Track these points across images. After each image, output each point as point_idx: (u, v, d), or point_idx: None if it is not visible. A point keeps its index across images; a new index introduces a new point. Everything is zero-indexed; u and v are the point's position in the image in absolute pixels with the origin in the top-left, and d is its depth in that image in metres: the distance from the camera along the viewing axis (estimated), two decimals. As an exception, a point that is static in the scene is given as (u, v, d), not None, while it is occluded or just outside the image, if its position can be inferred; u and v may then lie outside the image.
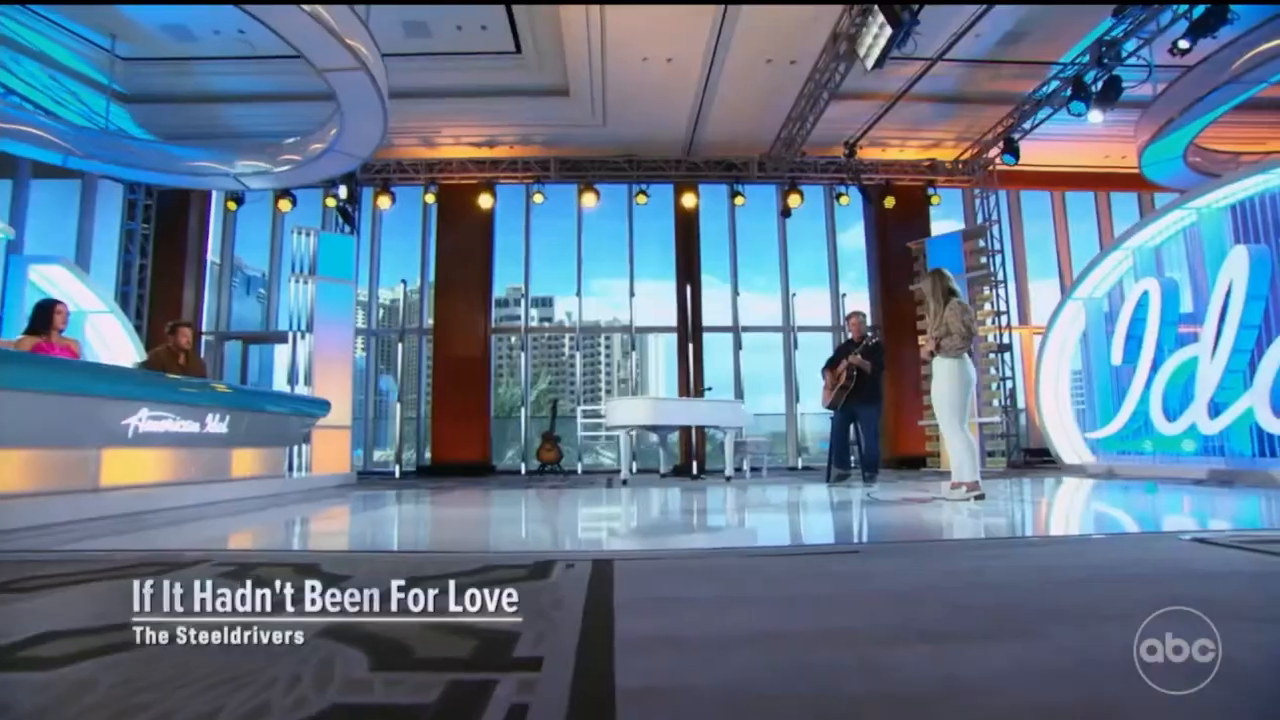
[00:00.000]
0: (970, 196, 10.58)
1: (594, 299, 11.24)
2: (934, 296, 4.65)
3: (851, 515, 3.95)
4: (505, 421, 11.19)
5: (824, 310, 10.77)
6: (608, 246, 10.87)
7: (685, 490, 6.32)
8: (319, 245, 8.15)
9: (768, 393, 10.52)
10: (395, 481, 8.42)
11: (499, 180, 10.05)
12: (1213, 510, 3.90)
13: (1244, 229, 6.02)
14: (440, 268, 10.15)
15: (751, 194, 10.21)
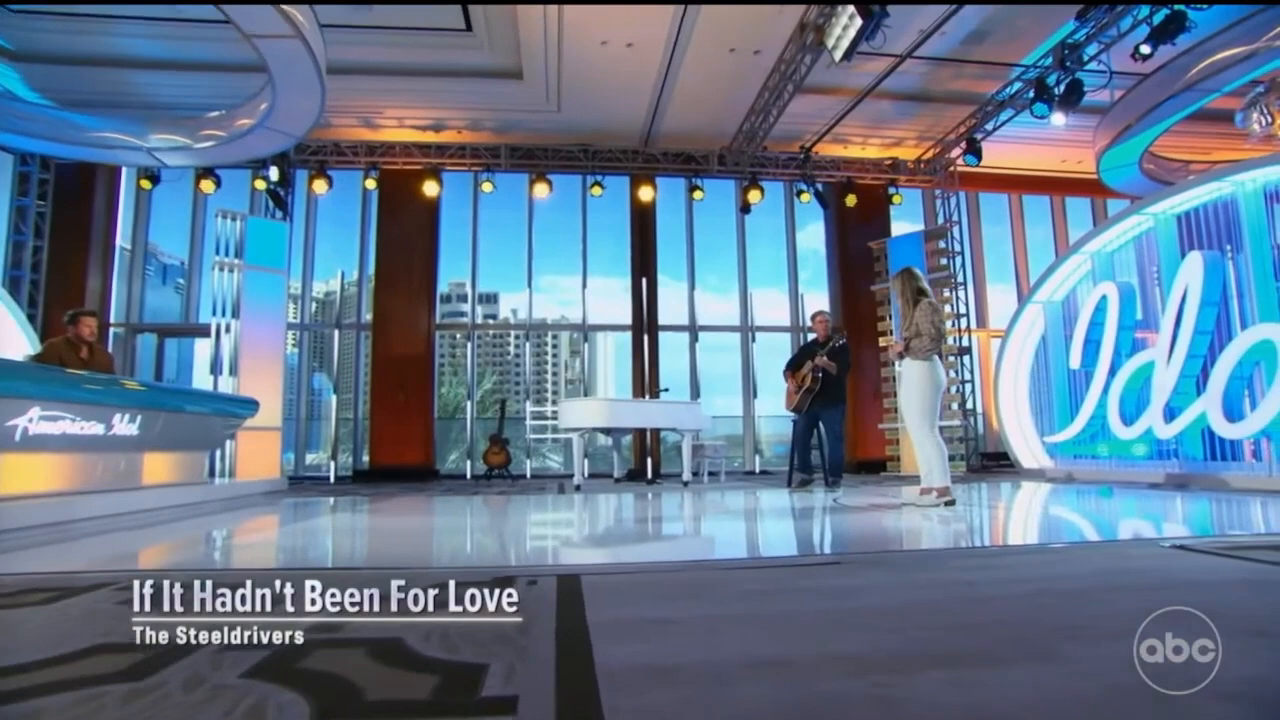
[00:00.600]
0: (931, 197, 10.81)
1: (541, 296, 11.04)
2: (904, 296, 4.65)
3: (823, 523, 3.91)
4: (449, 423, 10.87)
5: (782, 310, 10.83)
6: (559, 240, 10.68)
7: (642, 496, 6.21)
8: (247, 231, 7.71)
9: (724, 394, 10.51)
10: (330, 487, 8.04)
11: (445, 167, 9.74)
12: (1182, 516, 3.99)
13: (1192, 237, 6.27)
14: (381, 259, 9.77)
15: (710, 189, 10.17)
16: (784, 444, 11.58)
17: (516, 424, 9.90)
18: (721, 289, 11.00)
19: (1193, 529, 3.41)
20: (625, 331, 10.25)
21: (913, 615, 1.83)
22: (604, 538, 3.54)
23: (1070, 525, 3.81)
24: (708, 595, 2.09)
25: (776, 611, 1.89)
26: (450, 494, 6.50)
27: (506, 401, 9.42)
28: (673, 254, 10.52)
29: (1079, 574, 2.38)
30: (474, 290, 10.17)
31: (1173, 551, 2.67)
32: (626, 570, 2.47)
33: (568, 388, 26.62)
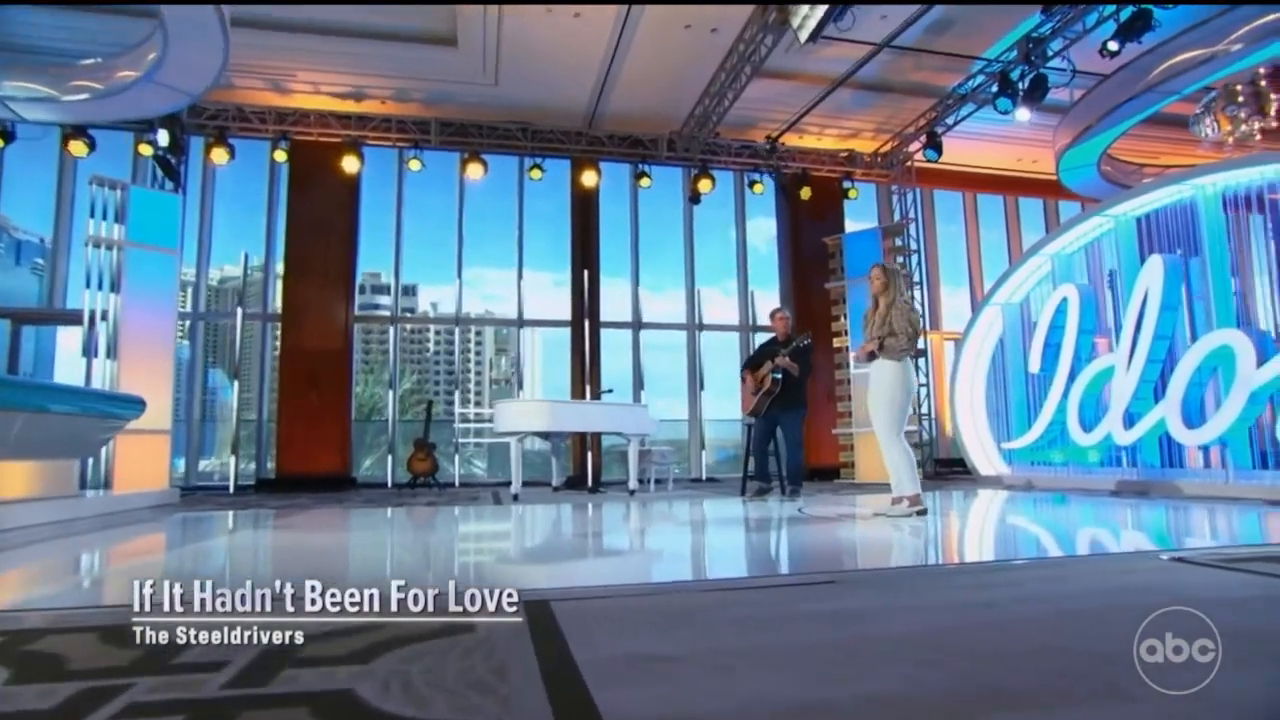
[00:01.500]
0: (885, 193, 11.01)
1: (466, 288, 10.69)
2: (885, 293, 4.63)
3: (796, 536, 3.84)
4: (365, 425, 10.38)
5: (730, 308, 10.83)
6: (492, 228, 10.37)
7: (589, 506, 6.04)
8: (130, 202, 7.06)
9: (668, 396, 10.42)
10: (230, 499, 7.49)
11: (367, 141, 9.27)
12: (1164, 526, 4.11)
13: (1152, 240, 6.56)
14: (292, 241, 9.21)
15: (657, 176, 10.05)
16: (730, 449, 11.63)
17: (440, 427, 9.52)
18: (666, 284, 10.92)
19: (1182, 540, 3.49)
20: (562, 328, 10.01)
21: (942, 644, 1.72)
22: (564, 555, 3.35)
23: (1057, 537, 3.84)
24: (701, 622, 1.95)
25: (788, 643, 1.75)
26: (373, 505, 6.14)
27: (434, 403, 9.03)
28: (615, 245, 10.37)
29: (1090, 591, 2.34)
30: (397, 279, 9.73)
31: (1173, 564, 2.69)
32: (600, 594, 2.30)
33: (493, 388, 26.17)
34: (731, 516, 4.82)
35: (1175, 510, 4.79)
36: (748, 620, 1.94)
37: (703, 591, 2.37)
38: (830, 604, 2.13)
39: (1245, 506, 4.86)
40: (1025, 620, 1.94)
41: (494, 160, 9.52)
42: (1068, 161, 7.97)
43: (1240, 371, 5.55)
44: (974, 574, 2.69)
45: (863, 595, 2.27)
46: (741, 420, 10.35)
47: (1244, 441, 5.74)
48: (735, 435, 11.34)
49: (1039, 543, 3.62)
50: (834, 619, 1.96)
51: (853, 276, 9.28)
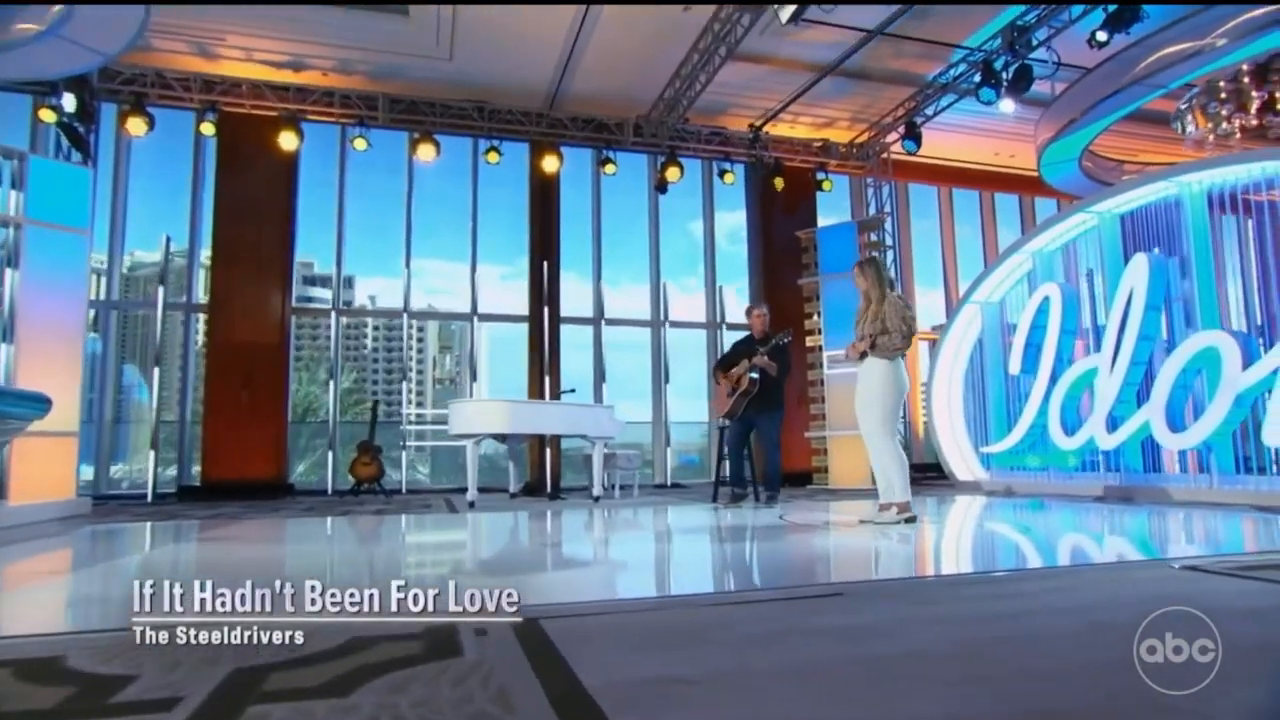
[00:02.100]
0: (859, 186, 11.14)
1: (401, 281, 10.44)
2: (873, 289, 4.63)
3: (786, 546, 3.83)
4: (300, 428, 10.06)
5: (697, 304, 10.82)
6: (443, 215, 10.15)
7: (554, 515, 5.94)
8: (30, 174, 6.63)
9: (631, 397, 10.34)
10: (149, 509, 7.15)
11: (306, 116, 8.96)
12: (1164, 534, 4.21)
13: (1137, 238, 6.75)
14: (221, 225, 8.84)
15: (622, 163, 9.96)
16: (694, 454, 11.62)
17: (382, 429, 9.26)
18: (630, 278, 10.85)
19: (1187, 548, 3.57)
20: (517, 323, 9.86)
21: (978, 660, 1.69)
22: (540, 568, 3.25)
23: (1058, 545, 3.89)
24: (712, 640, 1.89)
25: (812, 661, 1.70)
26: (314, 514, 5.92)
27: (379, 402, 8.78)
28: (575, 236, 10.25)
29: (1113, 601, 2.34)
30: (340, 268, 9.43)
31: (1187, 573, 2.72)
32: (593, 610, 2.23)
33: (436, 388, 25.70)
34: (710, 525, 4.78)
35: (1169, 517, 4.91)
36: (761, 637, 1.90)
37: (704, 606, 2.32)
38: (844, 618, 2.10)
39: (1234, 512, 5.02)
40: (1059, 634, 1.92)
41: (447, 141, 9.31)
42: (1050, 156, 8.16)
43: (1226, 374, 5.73)
44: (986, 584, 2.69)
45: (876, 608, 2.24)
46: (714, 423, 10.39)
47: (1228, 446, 5.93)
48: (698, 439, 11.35)
49: (1042, 551, 3.66)
50: (852, 634, 1.92)
51: (827, 272, 9.35)
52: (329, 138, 9.40)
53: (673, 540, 4.24)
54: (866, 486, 8.68)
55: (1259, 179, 5.75)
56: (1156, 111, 8.06)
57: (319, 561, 3.40)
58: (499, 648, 1.75)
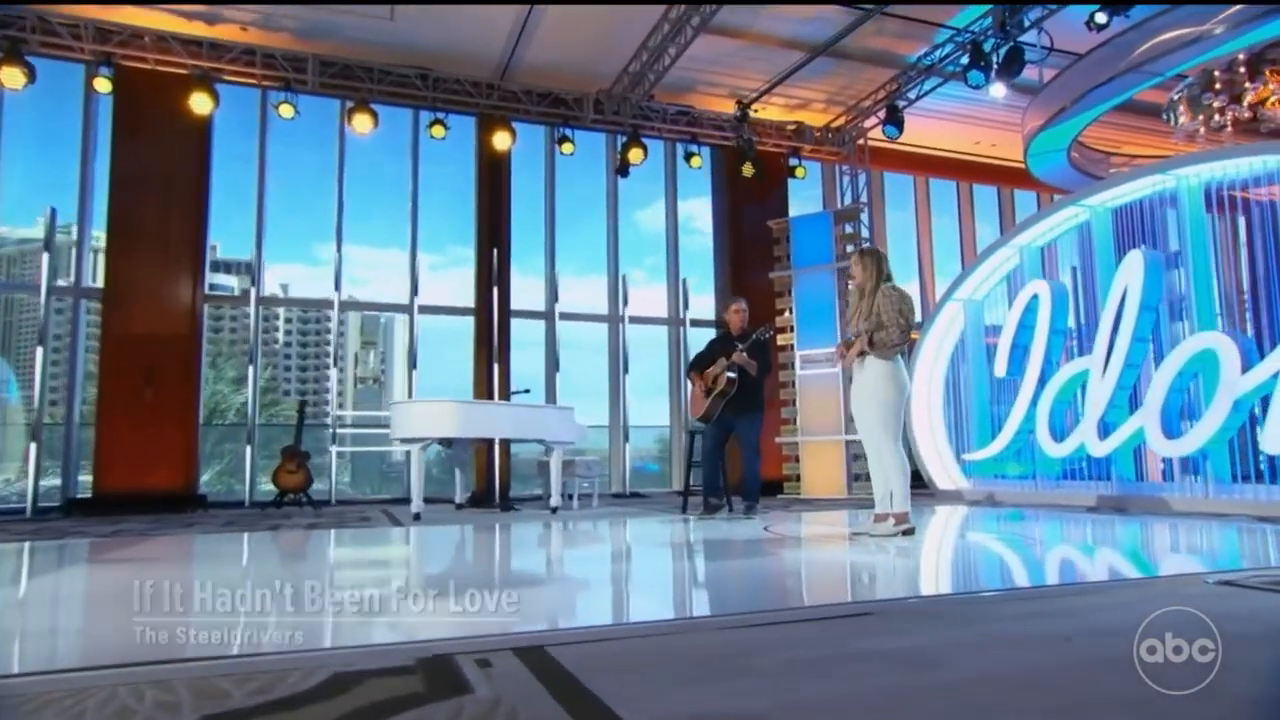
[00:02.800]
0: (831, 174, 11.18)
1: (320, 269, 10.10)
2: (871, 280, 4.56)
3: (786, 561, 3.78)
4: (207, 431, 9.57)
5: (658, 298, 10.71)
6: (380, 194, 9.82)
7: (513, 528, 5.76)
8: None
9: (585, 398, 10.15)
10: (29, 525, 6.64)
11: (223, 76, 8.50)
12: (1184, 546, 4.25)
13: (1130, 233, 6.89)
14: (119, 198, 8.30)
15: (579, 142, 9.77)
16: (653, 461, 11.51)
17: (313, 432, 8.88)
18: (586, 269, 10.67)
19: (1214, 562, 3.59)
20: (460, 316, 9.58)
21: (1058, 690, 1.65)
22: (523, 589, 3.07)
23: (1078, 559, 3.89)
24: (753, 669, 1.79)
25: (885, 690, 1.63)
26: (235, 529, 5.57)
27: (306, 403, 8.39)
28: (530, 221, 10.03)
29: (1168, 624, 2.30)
30: (260, 251, 8.98)
31: (1224, 589, 2.71)
32: (603, 635, 2.11)
33: (358, 388, 25.06)
34: (692, 539, 4.67)
35: (1176, 529, 4.98)
36: (810, 663, 1.80)
37: (721, 629, 2.22)
38: (889, 640, 2.04)
39: (1237, 523, 5.12)
40: (1125, 659, 1.84)
41: (385, 112, 8.95)
42: (1038, 146, 8.29)
43: (1224, 377, 5.85)
44: (1020, 602, 2.65)
45: (918, 629, 2.19)
46: (679, 427, 10.28)
47: (1224, 453, 6.08)
48: (654, 444, 11.24)
49: (1064, 566, 3.63)
50: (909, 659, 1.85)
51: (800, 265, 9.33)
52: (248, 103, 8.96)
53: (658, 557, 4.09)
54: (841, 496, 8.72)
55: (1260, 173, 5.91)
56: (1147, 102, 8.28)
57: (266, 586, 3.14)
58: (513, 682, 1.60)
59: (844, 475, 8.80)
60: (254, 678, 1.64)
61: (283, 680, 1.61)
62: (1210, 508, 5.91)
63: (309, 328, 32.27)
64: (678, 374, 10.41)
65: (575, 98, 9.56)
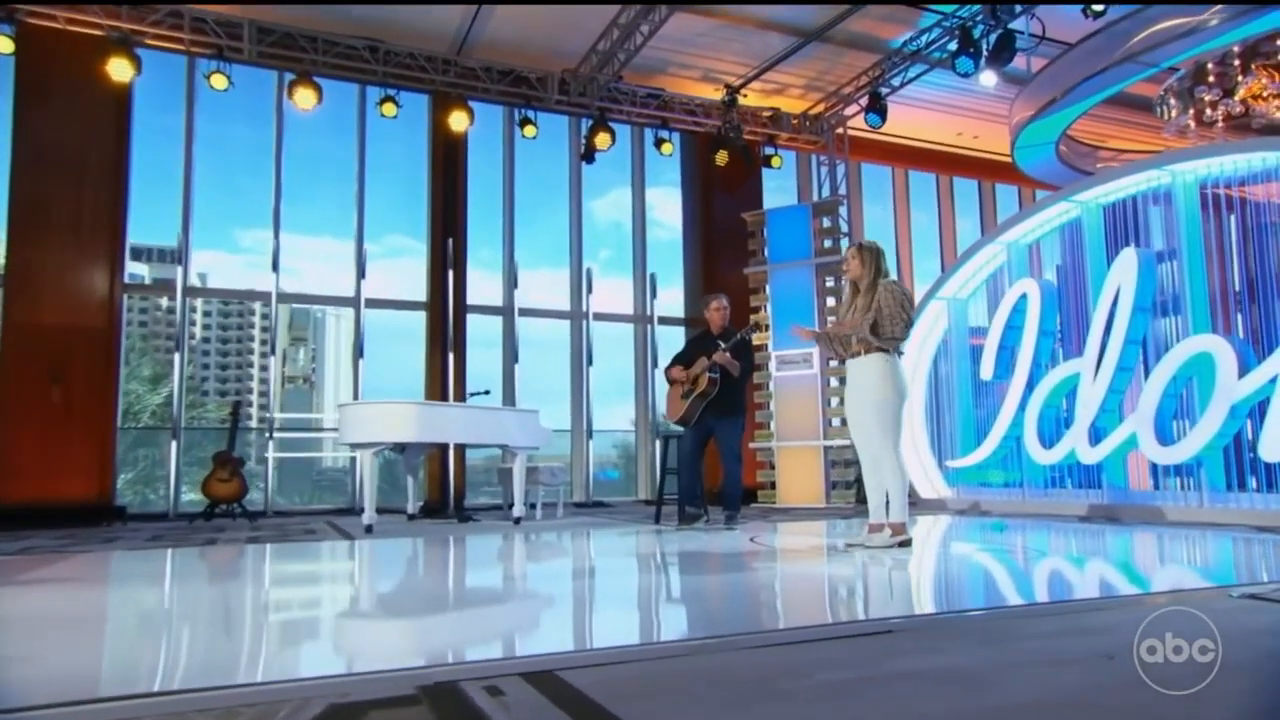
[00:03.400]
0: (806, 164, 11.26)
1: (238, 258, 9.89)
2: (867, 276, 4.56)
3: (785, 575, 3.80)
4: (122, 434, 9.25)
5: (623, 294, 10.67)
6: (321, 177, 9.60)
7: (479, 541, 5.69)
8: None
9: (544, 401, 10.05)
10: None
11: (146, 40, 8.19)
12: (1195, 558, 4.34)
13: (1122, 231, 7.05)
14: (23, 176, 7.94)
15: (542, 124, 9.67)
16: (615, 468, 11.45)
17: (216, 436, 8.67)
18: (547, 262, 10.58)
19: (1230, 575, 3.68)
20: (412, 311, 9.41)
21: (1115, 712, 1.61)
22: (512, 608, 3.02)
23: (1096, 572, 3.94)
24: (791, 694, 1.79)
25: (922, 716, 1.58)
26: (164, 543, 5.35)
27: (241, 404, 8.13)
28: (485, 209, 9.90)
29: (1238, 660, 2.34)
30: (187, 236, 8.69)
31: (1249, 602, 2.77)
32: (610, 658, 2.09)
33: (287, 387, 24.52)
34: (680, 552, 4.63)
35: (1181, 540, 5.09)
36: (848, 686, 1.78)
37: (745, 649, 2.18)
38: (921, 660, 2.03)
39: (1238, 533, 5.26)
40: (1166, 679, 1.85)
41: (330, 87, 8.73)
42: (1026, 138, 8.45)
43: (1220, 382, 6.02)
44: (1047, 618, 2.66)
45: (949, 647, 2.17)
46: (653, 430, 10.24)
47: (1218, 461, 6.25)
48: (613, 450, 11.19)
49: (1081, 580, 3.68)
50: (948, 681, 1.83)
51: (776, 261, 9.36)
52: (174, 71, 8.67)
53: (647, 571, 4.04)
54: (820, 505, 8.77)
55: (1258, 170, 6.09)
56: (1138, 96, 8.51)
57: (229, 610, 3.00)
58: (533, 712, 1.53)
59: (822, 483, 8.85)
60: (238, 712, 1.55)
61: (272, 715, 1.52)
62: (1206, 517, 6.06)
63: (230, 321, 31.35)
64: (645, 375, 10.39)
65: (539, 77, 9.46)
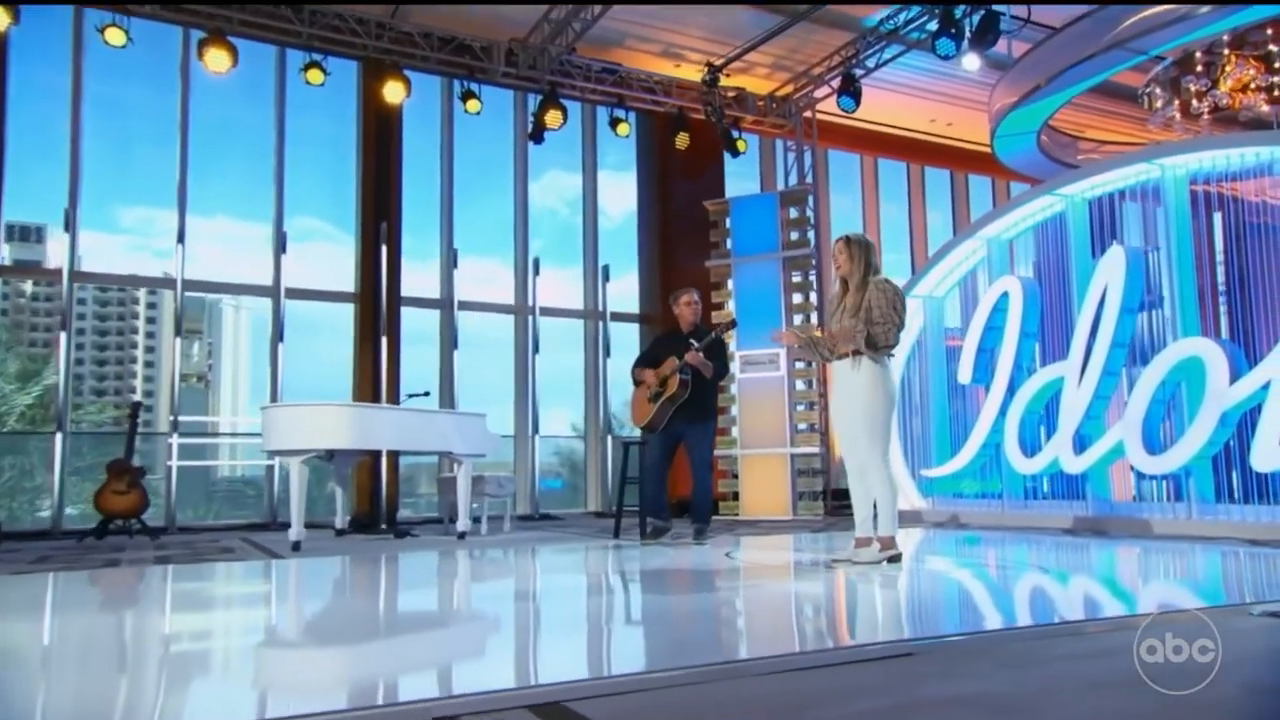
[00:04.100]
0: (770, 149, 11.36)
1: (115, 237, 9.56)
2: (858, 273, 4.60)
3: (778, 593, 3.83)
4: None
5: (572, 287, 10.62)
6: (224, 149, 9.34)
7: (428, 557, 5.64)
8: None
9: (484, 404, 9.96)
10: None
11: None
12: (1201, 574, 4.48)
13: (1109, 227, 7.28)
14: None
15: (486, 99, 9.53)
16: (558, 477, 11.38)
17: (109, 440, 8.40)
18: (488, 251, 10.47)
19: (1243, 592, 3.81)
20: (338, 303, 9.21)
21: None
22: (510, 636, 2.97)
23: (1105, 589, 4.05)
24: None
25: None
26: (53, 565, 5.13)
27: (141, 405, 7.81)
28: (420, 192, 9.75)
29: (1240, 658, 2.40)
30: (75, 210, 8.33)
31: (1271, 621, 2.87)
32: (629, 685, 2.11)
33: (180, 386, 23.86)
34: (652, 568, 4.62)
35: (1177, 554, 5.27)
36: (886, 713, 1.82)
37: (764, 675, 2.17)
38: (956, 685, 2.06)
39: (1231, 546, 5.46)
40: (1232, 700, 1.91)
41: (245, 48, 8.45)
42: (1007, 126, 8.65)
43: (1211, 388, 6.22)
44: (1068, 638, 2.73)
45: (980, 671, 2.22)
46: (602, 435, 10.17)
47: (1207, 471, 6.47)
48: (554, 458, 11.13)
49: (1093, 598, 3.78)
50: (992, 709, 1.86)
51: (742, 253, 9.39)
52: (60, 24, 8.31)
53: (627, 591, 4.02)
54: (786, 517, 8.83)
55: (1251, 165, 6.33)
56: (1121, 85, 8.79)
57: (178, 649, 2.87)
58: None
59: (789, 493, 8.92)
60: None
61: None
62: (1195, 530, 6.25)
63: (109, 310, 30.04)
64: (595, 375, 10.35)
65: (483, 46, 9.33)
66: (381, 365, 8.80)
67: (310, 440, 5.79)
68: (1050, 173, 9.52)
